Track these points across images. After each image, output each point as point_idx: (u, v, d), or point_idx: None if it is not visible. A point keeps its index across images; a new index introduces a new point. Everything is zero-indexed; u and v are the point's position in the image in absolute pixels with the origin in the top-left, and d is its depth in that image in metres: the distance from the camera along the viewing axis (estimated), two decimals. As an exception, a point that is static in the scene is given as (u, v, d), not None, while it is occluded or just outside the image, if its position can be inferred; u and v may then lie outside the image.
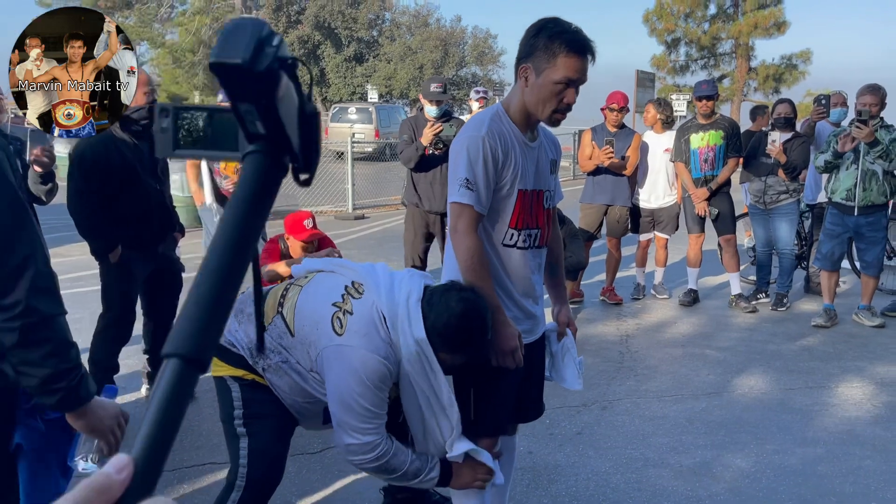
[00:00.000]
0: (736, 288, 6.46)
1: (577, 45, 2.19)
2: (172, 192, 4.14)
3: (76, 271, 6.80)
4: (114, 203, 3.64)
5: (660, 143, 6.52)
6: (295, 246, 4.07)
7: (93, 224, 3.66)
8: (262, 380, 2.31)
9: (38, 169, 3.52)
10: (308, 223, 4.07)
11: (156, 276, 3.90)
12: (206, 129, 0.62)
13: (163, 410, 0.51)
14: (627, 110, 6.21)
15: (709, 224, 6.40)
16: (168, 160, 3.96)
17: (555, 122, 2.30)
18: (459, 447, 2.32)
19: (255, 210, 0.57)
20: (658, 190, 6.51)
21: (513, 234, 2.36)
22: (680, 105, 17.40)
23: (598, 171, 6.17)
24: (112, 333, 3.78)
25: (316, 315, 2.23)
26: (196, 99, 42.23)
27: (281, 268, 3.93)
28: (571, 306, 4.69)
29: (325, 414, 2.39)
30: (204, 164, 5.23)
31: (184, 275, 4.11)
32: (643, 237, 6.69)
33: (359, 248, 8.86)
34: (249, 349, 2.30)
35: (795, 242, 6.59)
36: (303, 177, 0.60)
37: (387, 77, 35.18)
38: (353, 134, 16.11)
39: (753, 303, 6.41)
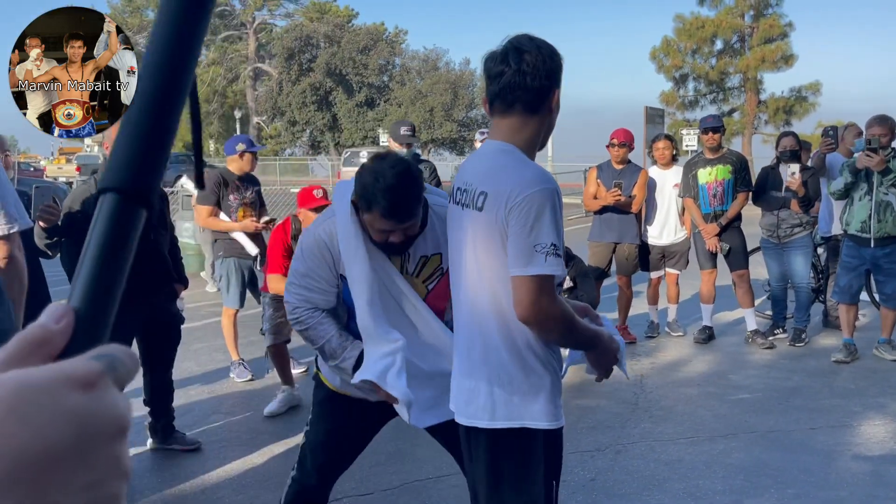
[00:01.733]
0: (751, 324, 6.32)
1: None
2: (184, 239, 4.14)
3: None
4: None
5: (667, 179, 6.44)
6: (309, 218, 4.09)
7: None
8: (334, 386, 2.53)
9: (42, 224, 3.53)
10: (318, 193, 4.22)
11: (153, 327, 3.87)
12: None
13: (101, 250, 0.45)
14: (631, 147, 6.16)
15: (722, 260, 6.30)
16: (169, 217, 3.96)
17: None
18: (361, 373, 2.26)
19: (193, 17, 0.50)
20: (670, 225, 6.42)
21: (559, 292, 2.07)
22: (691, 139, 17.38)
23: (604, 209, 6.11)
24: None
25: None
26: (211, 146, 42.94)
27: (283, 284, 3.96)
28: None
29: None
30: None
31: (185, 326, 4.07)
32: (654, 274, 6.58)
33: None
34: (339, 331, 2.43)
35: (811, 276, 6.46)
36: None
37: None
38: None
39: (771, 338, 6.26)
